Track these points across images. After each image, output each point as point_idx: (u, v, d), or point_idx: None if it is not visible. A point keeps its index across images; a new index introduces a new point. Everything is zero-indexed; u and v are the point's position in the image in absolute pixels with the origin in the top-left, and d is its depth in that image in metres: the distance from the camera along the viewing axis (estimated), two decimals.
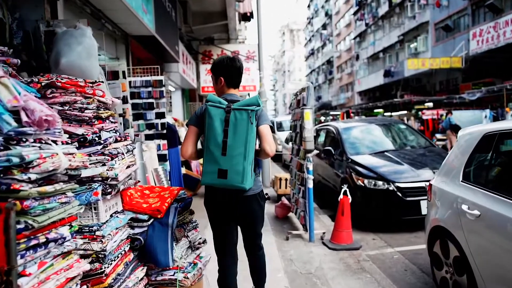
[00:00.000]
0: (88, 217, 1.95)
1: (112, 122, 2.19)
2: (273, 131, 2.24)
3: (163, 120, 5.49)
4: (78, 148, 1.91)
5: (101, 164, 1.93)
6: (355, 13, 36.43)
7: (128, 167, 2.17)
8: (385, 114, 24.07)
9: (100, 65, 3.65)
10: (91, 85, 2.15)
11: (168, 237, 2.25)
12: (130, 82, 5.35)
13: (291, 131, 5.58)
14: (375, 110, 27.04)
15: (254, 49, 12.21)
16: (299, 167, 4.64)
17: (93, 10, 4.15)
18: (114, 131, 2.18)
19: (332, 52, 46.91)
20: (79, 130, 1.96)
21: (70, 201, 1.52)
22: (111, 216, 2.08)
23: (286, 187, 6.23)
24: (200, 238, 2.63)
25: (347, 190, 4.12)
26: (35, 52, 2.88)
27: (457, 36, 20.76)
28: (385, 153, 5.61)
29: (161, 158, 5.55)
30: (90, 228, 1.90)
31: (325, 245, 4.14)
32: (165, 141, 5.55)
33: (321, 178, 6.46)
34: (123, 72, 4.44)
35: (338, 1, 43.26)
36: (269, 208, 5.97)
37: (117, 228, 2.05)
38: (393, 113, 22.48)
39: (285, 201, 5.48)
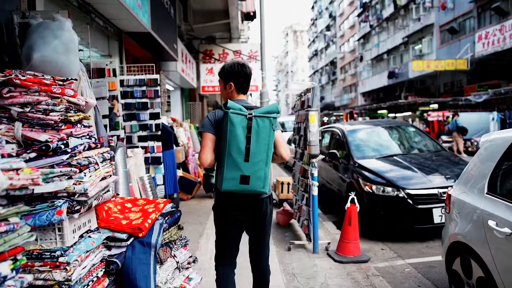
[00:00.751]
0: (50, 239, 1.62)
1: (85, 126, 1.87)
2: None
3: (157, 121, 5.18)
4: (38, 159, 1.59)
5: (66, 177, 1.60)
6: (359, 15, 36.08)
7: (104, 178, 1.84)
8: (389, 115, 23.71)
9: (84, 61, 3.34)
10: (61, 83, 1.83)
11: (150, 259, 1.92)
12: (122, 80, 5.05)
13: (294, 133, 5.26)
14: (379, 111, 26.72)
15: (257, 48, 11.89)
16: (302, 172, 4.31)
17: (81, 3, 3.83)
18: (87, 137, 1.86)
19: (335, 53, 46.62)
20: (43, 136, 1.65)
21: (15, 228, 1.20)
22: (81, 236, 1.76)
23: (288, 192, 5.90)
24: (191, 257, 2.30)
25: (355, 198, 3.78)
26: (8, 47, 2.57)
27: (462, 38, 20.39)
28: (394, 157, 5.27)
29: (155, 161, 5.25)
30: (52, 254, 1.57)
31: (331, 257, 3.80)
32: (159, 143, 5.24)
33: (325, 182, 6.12)
34: (113, 70, 4.14)
35: (342, 3, 42.89)
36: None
37: (88, 251, 1.72)
38: (397, 114, 22.12)
39: (287, 207, 5.15)
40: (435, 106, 19.64)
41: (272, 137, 2.06)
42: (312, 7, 60.39)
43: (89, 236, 1.82)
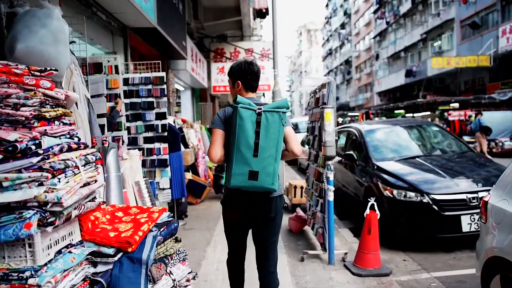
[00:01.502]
0: (20, 257, 1.39)
1: (65, 124, 1.63)
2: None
3: (164, 121, 4.97)
4: (5, 161, 1.36)
5: (37, 183, 1.37)
6: (375, 12, 35.46)
7: (86, 184, 1.61)
8: (407, 115, 23.09)
9: (77, 56, 3.14)
10: (37, 73, 1.60)
11: (140, 278, 1.68)
12: (127, 79, 4.86)
13: (308, 134, 4.97)
14: (396, 111, 26.10)
15: (269, 46, 11.61)
16: (317, 175, 4.02)
17: None
18: (67, 136, 1.62)
19: (350, 52, 46.01)
20: (13, 136, 1.41)
21: None
22: (59, 252, 1.52)
23: (301, 196, 5.61)
24: (190, 273, 2.04)
25: (375, 204, 3.46)
26: None
27: (484, 33, 19.64)
28: (416, 159, 4.92)
29: (162, 164, 5.04)
30: (21, 275, 1.34)
31: (348, 269, 3.49)
32: (166, 145, 5.02)
33: (340, 185, 5.80)
34: (116, 67, 3.94)
35: (357, 0, 42.24)
36: (282, 220, 5.35)
37: (66, 270, 1.49)
38: (415, 114, 21.49)
39: (300, 213, 4.86)
40: (456, 105, 18.96)
41: (281, 132, 2.05)
42: (326, 5, 59.82)
43: (70, 252, 1.59)
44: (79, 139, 1.71)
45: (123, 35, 5.11)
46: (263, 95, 18.09)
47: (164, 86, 4.99)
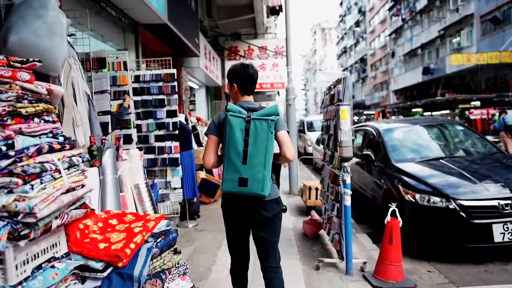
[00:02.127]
0: None
1: (47, 121, 1.42)
2: (303, 132, 2.69)
3: (174, 119, 4.77)
4: None
5: (6, 190, 1.16)
6: (390, 9, 34.60)
7: (70, 190, 1.39)
8: (424, 114, 22.37)
9: (83, 52, 2.96)
10: (19, 64, 1.40)
11: None
12: (138, 76, 4.69)
13: (322, 133, 4.68)
14: (413, 110, 25.32)
15: (283, 44, 11.28)
16: (333, 178, 3.73)
17: None
18: (49, 135, 1.41)
19: (365, 49, 45.15)
20: None
21: None
22: (39, 268, 1.32)
23: (316, 198, 5.32)
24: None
25: (396, 210, 3.15)
26: None
27: (507, 28, 18.73)
28: (440, 160, 4.55)
29: (173, 163, 4.85)
30: None
31: (368, 281, 3.19)
32: (177, 143, 4.83)
33: (357, 186, 5.48)
34: (124, 63, 3.76)
35: None
36: (297, 223, 5.10)
37: None
38: (434, 113, 20.76)
39: (316, 216, 4.57)
40: (477, 103, 18.16)
41: (270, 140, 2.06)
42: (341, 3, 58.89)
43: (53, 266, 1.38)
44: (66, 139, 1.50)
45: (134, 32, 4.94)
46: (278, 93, 17.80)
47: (175, 83, 4.79)
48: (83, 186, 1.47)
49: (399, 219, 3.13)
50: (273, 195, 2.23)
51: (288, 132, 2.25)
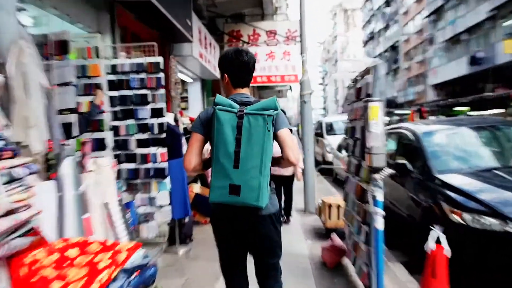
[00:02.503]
0: None
1: None
2: (321, 136, 2.88)
3: (161, 120, 4.70)
4: None
5: None
6: None
7: (10, 212, 1.28)
8: (471, 113, 22.24)
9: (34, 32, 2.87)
10: None
11: None
12: (115, 65, 4.63)
13: (346, 136, 4.59)
14: (456, 108, 25.23)
15: (296, 27, 11.26)
16: (359, 193, 3.62)
17: None
18: None
19: (397, 35, 45.45)
20: None
21: None
22: None
23: (338, 218, 5.23)
24: None
25: (442, 236, 3.01)
26: None
27: None
28: (493, 171, 4.50)
29: (159, 174, 4.78)
30: None
31: None
32: (164, 150, 4.76)
33: (387, 202, 5.36)
34: (96, 49, 3.69)
35: None
36: (314, 249, 5.02)
37: None
38: (483, 112, 20.60)
39: (337, 241, 4.48)
40: None
41: (267, 139, 2.05)
42: None
43: None
44: (6, 144, 1.39)
45: (109, 11, 4.89)
46: (290, 88, 17.77)
47: (162, 75, 4.74)
48: (28, 207, 1.36)
49: (447, 248, 3.00)
50: (271, 209, 2.23)
51: (291, 130, 2.25)
